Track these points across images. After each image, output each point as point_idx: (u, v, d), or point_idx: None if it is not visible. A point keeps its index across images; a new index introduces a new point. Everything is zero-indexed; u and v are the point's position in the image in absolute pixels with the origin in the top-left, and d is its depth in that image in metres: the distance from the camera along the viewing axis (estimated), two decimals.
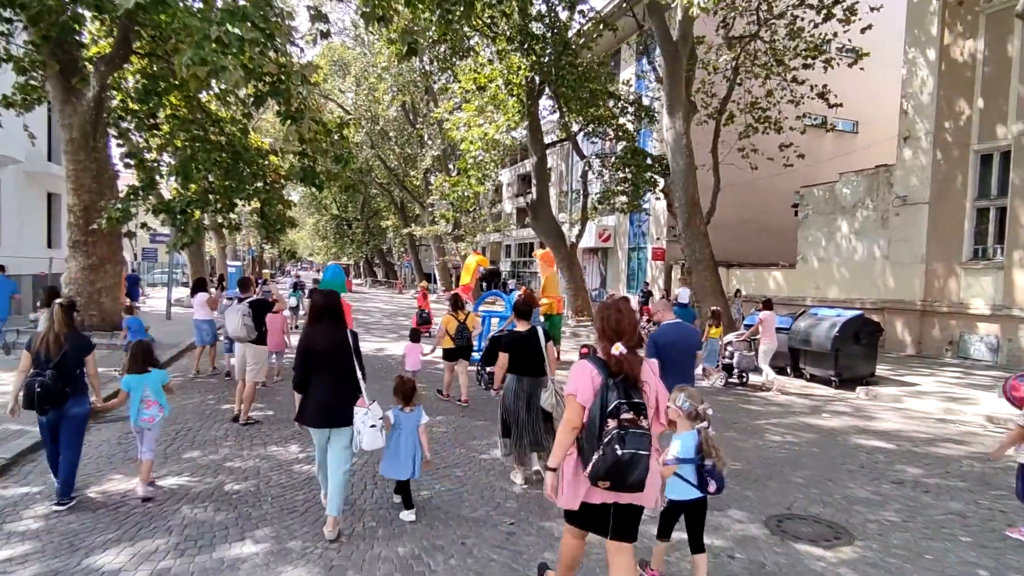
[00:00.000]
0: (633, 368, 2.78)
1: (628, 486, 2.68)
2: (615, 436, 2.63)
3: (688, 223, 15.02)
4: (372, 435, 3.95)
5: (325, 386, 4.02)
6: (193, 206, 10.02)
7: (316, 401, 4.02)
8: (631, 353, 2.79)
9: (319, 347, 4.03)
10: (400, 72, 31.27)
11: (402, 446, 4.29)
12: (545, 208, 21.63)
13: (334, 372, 4.04)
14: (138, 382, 4.71)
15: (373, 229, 50.40)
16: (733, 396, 9.65)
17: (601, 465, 2.64)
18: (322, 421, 4.03)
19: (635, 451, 2.62)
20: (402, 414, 4.37)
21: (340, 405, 4.00)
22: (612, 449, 2.62)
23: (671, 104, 14.97)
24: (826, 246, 17.59)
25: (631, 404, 2.71)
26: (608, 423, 2.67)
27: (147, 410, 4.68)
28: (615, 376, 2.75)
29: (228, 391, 8.61)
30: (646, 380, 2.84)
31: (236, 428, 6.61)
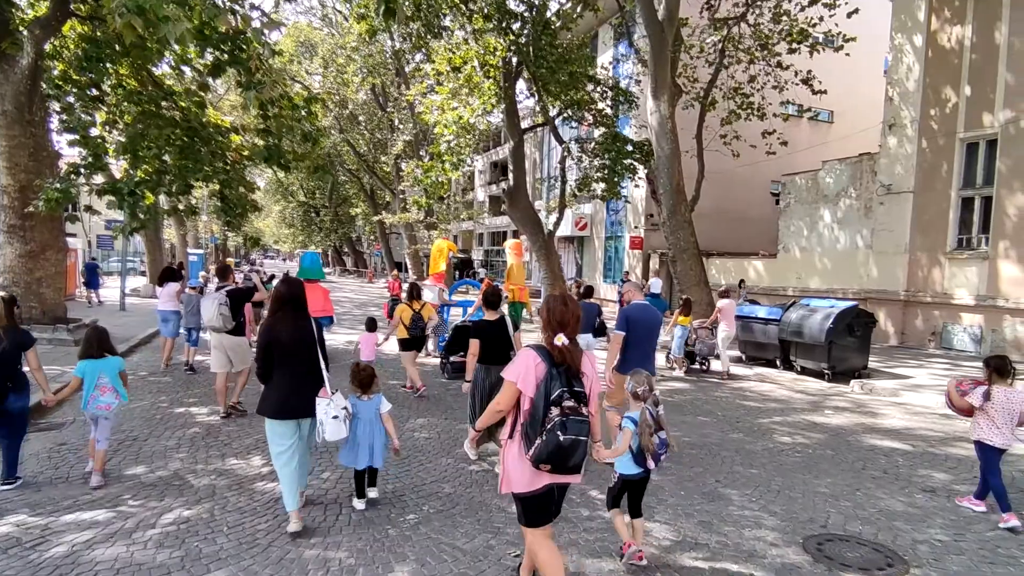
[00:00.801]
0: (575, 359, 2.90)
1: (568, 469, 2.83)
2: (557, 423, 2.75)
3: (673, 211, 14.55)
4: (335, 426, 3.86)
5: (290, 377, 3.91)
6: (144, 187, 9.09)
7: (281, 392, 3.89)
8: (572, 344, 2.91)
9: (283, 338, 3.90)
10: (370, 53, 30.11)
11: (360, 434, 4.19)
12: (522, 195, 20.95)
13: (297, 363, 3.93)
14: (93, 368, 4.65)
15: (342, 217, 49.03)
16: (731, 391, 9.20)
17: (543, 450, 2.77)
18: (287, 413, 3.90)
19: (575, 437, 2.76)
20: (359, 402, 4.27)
21: (304, 396, 3.92)
22: (555, 435, 2.74)
23: (656, 87, 14.42)
24: (808, 235, 17.35)
25: (572, 393, 2.83)
26: (551, 410, 2.79)
27: (102, 397, 4.63)
28: (558, 366, 2.86)
29: (183, 391, 7.79)
30: (586, 371, 2.97)
31: (190, 437, 5.84)
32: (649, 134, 15.02)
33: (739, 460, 5.62)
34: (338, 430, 3.89)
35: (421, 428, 6.43)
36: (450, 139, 20.35)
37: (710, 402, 8.30)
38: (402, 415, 6.93)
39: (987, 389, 4.43)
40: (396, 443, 4.33)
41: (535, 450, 2.79)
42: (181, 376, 8.81)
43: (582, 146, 19.70)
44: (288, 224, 55.67)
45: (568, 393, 2.82)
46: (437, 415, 6.97)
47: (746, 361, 12.26)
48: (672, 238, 14.72)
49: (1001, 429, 4.38)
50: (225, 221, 9.91)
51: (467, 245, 46.92)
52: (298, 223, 53.29)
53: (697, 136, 16.53)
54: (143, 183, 9.10)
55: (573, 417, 2.78)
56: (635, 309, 5.39)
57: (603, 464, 3.81)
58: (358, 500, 4.29)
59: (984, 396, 4.41)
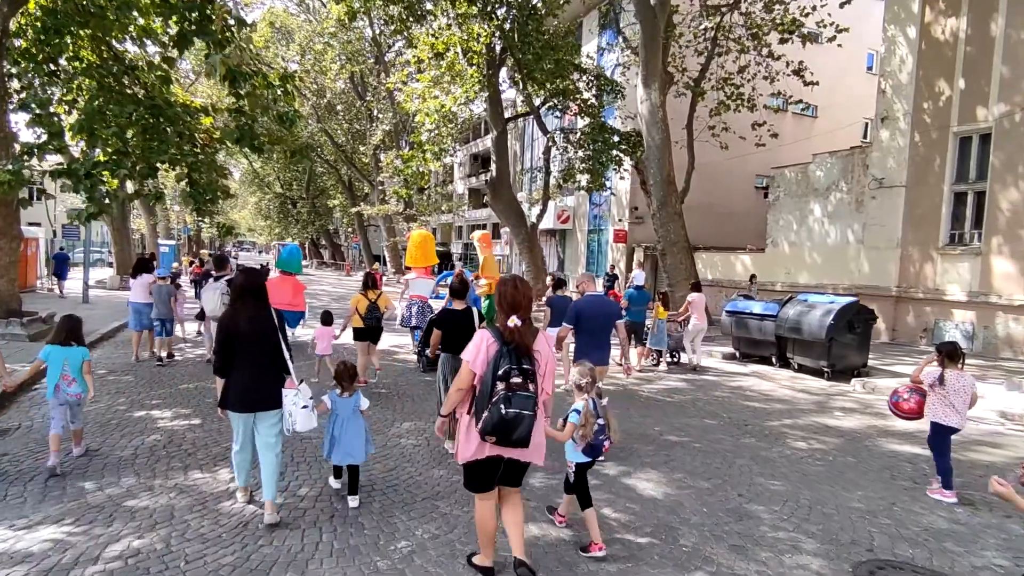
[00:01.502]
0: (524, 338, 3.05)
1: (512, 442, 2.96)
2: (502, 397, 2.91)
3: (663, 202, 14.14)
4: (304, 416, 3.83)
5: (249, 369, 3.83)
6: (102, 169, 8.34)
7: (240, 385, 3.81)
8: (525, 325, 3.05)
9: (242, 329, 3.81)
10: (349, 40, 29.19)
11: (345, 431, 4.16)
12: (505, 187, 20.41)
13: (258, 354, 3.85)
14: (58, 354, 4.66)
15: (319, 208, 47.95)
16: (731, 391, 8.79)
17: (488, 422, 2.92)
18: (246, 406, 3.84)
19: (519, 411, 2.90)
20: (339, 399, 4.24)
21: (266, 388, 3.85)
22: (499, 408, 2.90)
23: (647, 74, 13.97)
24: (797, 230, 17.09)
25: (521, 370, 2.97)
26: (498, 385, 2.94)
27: (70, 387, 4.68)
28: (508, 344, 3.01)
29: (145, 391, 7.11)
30: (539, 350, 3.11)
31: (149, 446, 5.19)
32: (638, 124, 14.57)
33: (758, 470, 5.17)
34: (308, 420, 3.84)
35: (408, 434, 5.87)
36: (431, 128, 19.71)
37: (712, 403, 7.87)
38: (386, 419, 6.37)
39: (940, 373, 4.70)
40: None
41: (482, 423, 2.95)
42: (144, 374, 8.12)
43: (567, 136, 19.20)
44: (264, 216, 54.32)
45: (516, 370, 2.96)
46: (424, 419, 6.42)
47: (740, 358, 11.91)
48: (662, 231, 14.32)
49: (956, 410, 4.66)
50: (194, 208, 9.18)
51: (446, 238, 46.21)
52: (274, 215, 51.99)
53: (687, 126, 16.15)
54: (101, 165, 8.35)
55: (519, 392, 2.93)
56: (585, 302, 5.50)
57: None
58: (334, 480, 4.41)
59: (938, 379, 4.68)
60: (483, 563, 3.29)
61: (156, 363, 8.69)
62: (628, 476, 4.89)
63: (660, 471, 5.04)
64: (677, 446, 5.80)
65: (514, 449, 3.05)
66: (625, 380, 9.17)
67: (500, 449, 3.05)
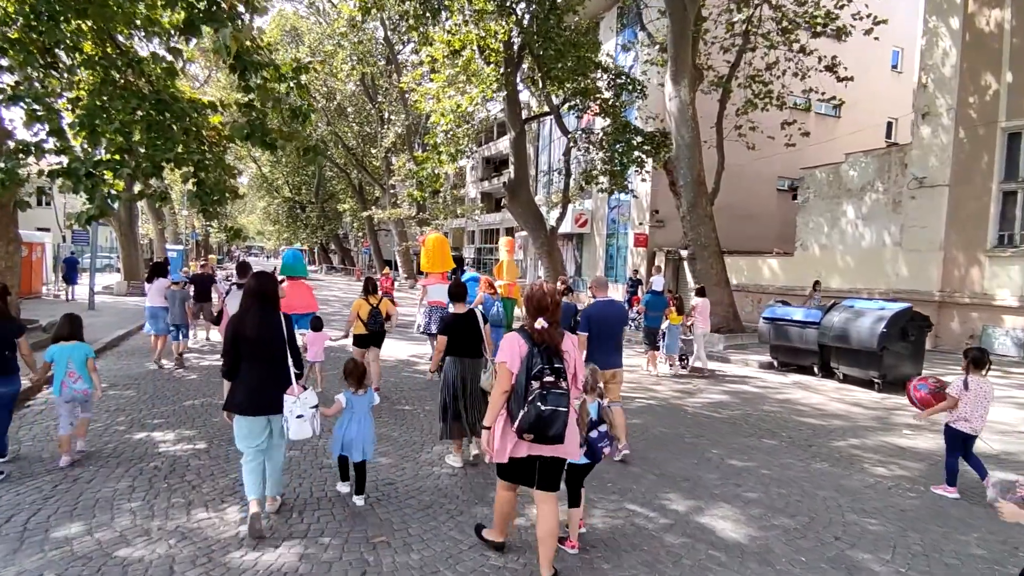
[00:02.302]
0: (553, 338, 3.17)
1: (549, 439, 3.04)
2: (538, 395, 3.02)
3: (693, 204, 13.45)
4: (298, 425, 3.76)
5: (257, 373, 3.79)
6: (103, 168, 7.77)
7: (248, 388, 3.77)
8: (552, 327, 3.18)
9: (250, 333, 3.78)
10: (360, 40, 28.73)
11: (354, 428, 4.17)
12: (523, 189, 19.77)
13: (267, 358, 3.81)
14: (61, 353, 4.85)
15: (329, 213, 47.50)
16: (779, 404, 8.08)
17: (525, 420, 3.02)
18: (254, 408, 3.77)
19: (555, 408, 3.01)
20: (354, 397, 4.28)
21: (276, 392, 3.79)
22: (535, 406, 3.00)
23: (676, 70, 13.31)
24: (829, 232, 16.35)
25: (552, 369, 3.09)
26: (532, 384, 3.05)
27: (75, 384, 4.82)
28: (539, 345, 3.14)
29: (147, 408, 6.51)
30: (567, 350, 3.22)
31: (148, 475, 4.57)
32: (660, 124, 13.89)
33: (846, 504, 4.49)
34: (302, 430, 3.77)
35: (440, 460, 5.21)
36: (447, 128, 19.13)
37: (765, 419, 7.18)
38: (413, 440, 5.74)
39: (965, 379, 4.72)
40: None
41: (519, 421, 3.03)
42: (147, 387, 7.53)
43: (588, 137, 18.54)
44: (273, 220, 53.98)
45: (548, 369, 3.06)
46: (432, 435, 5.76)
47: (778, 368, 11.21)
48: (692, 234, 13.62)
49: (977, 415, 4.68)
50: (201, 209, 8.61)
51: (458, 243, 45.64)
52: (283, 219, 51.62)
53: (717, 124, 15.44)
54: (103, 164, 7.78)
55: (553, 390, 3.02)
56: (595, 308, 5.51)
57: None
58: (357, 496, 4.25)
59: (963, 385, 4.69)
60: (494, 538, 3.43)
61: (174, 366, 8.92)
62: (700, 513, 4.22)
63: (734, 506, 4.37)
64: (744, 472, 5.12)
65: (554, 445, 3.11)
66: (667, 394, 8.51)
67: (537, 448, 3.12)
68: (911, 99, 21.87)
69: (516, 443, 3.13)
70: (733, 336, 13.30)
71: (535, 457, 3.19)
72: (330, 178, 45.26)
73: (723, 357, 12.21)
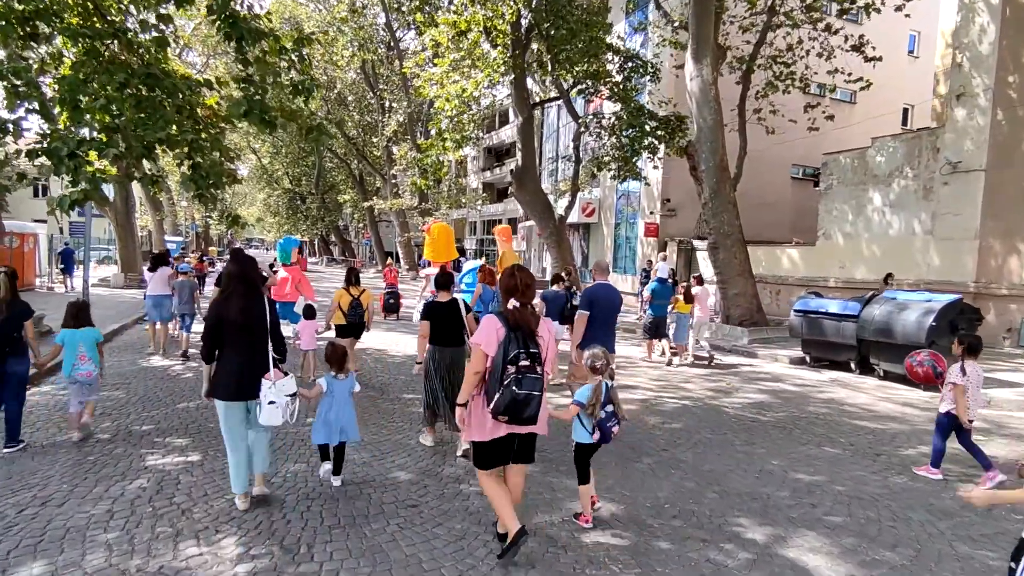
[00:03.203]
0: (527, 320, 3.25)
1: (523, 420, 3.18)
2: (513, 379, 3.11)
3: (716, 190, 12.75)
4: (269, 412, 3.70)
5: (240, 357, 3.78)
6: (87, 148, 7.08)
7: (230, 373, 3.76)
8: (523, 307, 3.25)
9: (233, 316, 3.76)
10: (360, 27, 27.91)
11: (334, 412, 4.18)
12: (531, 177, 19.09)
13: (248, 343, 3.80)
14: (72, 337, 5.13)
15: (329, 204, 46.73)
16: (826, 405, 7.42)
17: (501, 403, 3.12)
18: (236, 394, 3.78)
19: (529, 392, 3.12)
20: (335, 381, 4.28)
21: (255, 377, 3.75)
22: (511, 390, 3.10)
23: (697, 48, 12.57)
24: (853, 220, 15.64)
25: (528, 353, 3.17)
26: (508, 369, 3.13)
27: (83, 365, 5.09)
28: (515, 329, 3.20)
29: (135, 413, 5.85)
30: (541, 335, 3.31)
31: (131, 496, 3.92)
32: (686, 104, 13.16)
33: (949, 531, 3.84)
34: (272, 416, 3.70)
35: (468, 475, 4.57)
36: (452, 114, 18.39)
37: (815, 422, 6.54)
38: (434, 450, 5.09)
39: (962, 365, 4.81)
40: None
41: (494, 403, 3.14)
42: (138, 388, 6.89)
43: (600, 122, 17.81)
44: (273, 212, 53.23)
45: (524, 354, 3.15)
46: None
47: (811, 363, 10.56)
48: (714, 221, 12.93)
49: (973, 399, 4.84)
50: (196, 194, 7.93)
51: (459, 234, 44.90)
52: (283, 211, 50.85)
53: (739, 106, 14.75)
54: (87, 143, 7.09)
55: (528, 375, 3.13)
56: (598, 289, 5.56)
57: None
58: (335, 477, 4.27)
59: (961, 371, 4.78)
60: (512, 528, 3.29)
61: (180, 356, 8.91)
62: (784, 544, 3.56)
63: (820, 534, 3.72)
64: (816, 489, 4.48)
65: (528, 426, 3.25)
66: (700, 392, 7.86)
67: (512, 427, 3.23)
68: (929, 84, 21.19)
69: (494, 424, 3.22)
70: (757, 329, 12.64)
71: (513, 435, 3.30)
72: (330, 169, 44.49)
73: (749, 351, 11.56)
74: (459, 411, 3.32)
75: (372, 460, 4.82)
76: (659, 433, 5.85)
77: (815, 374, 9.80)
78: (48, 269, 21.94)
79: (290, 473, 4.49)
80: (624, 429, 5.12)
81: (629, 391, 7.77)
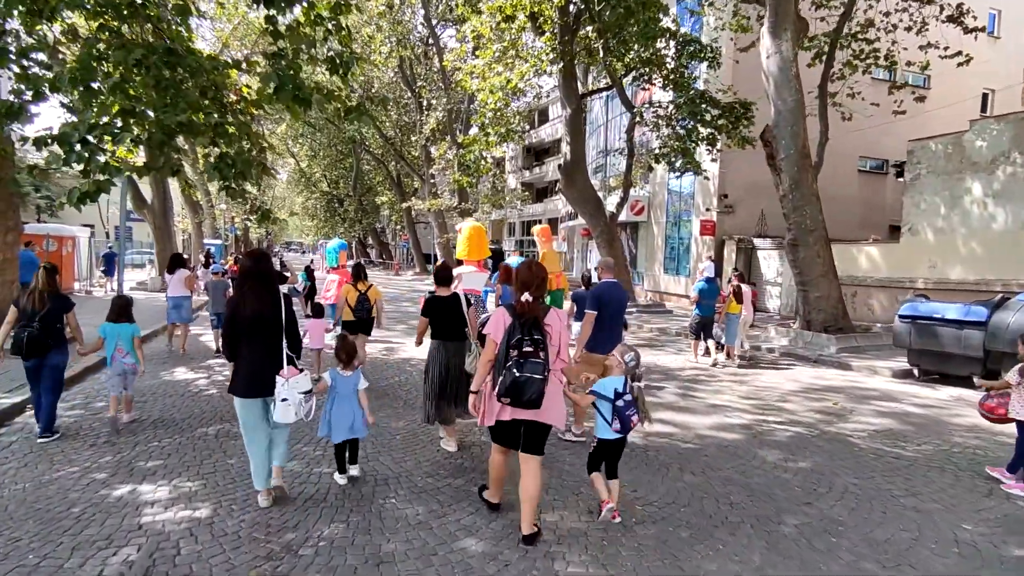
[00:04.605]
0: (535, 311, 3.40)
1: (524, 403, 3.28)
2: (515, 363, 3.28)
3: (797, 181, 11.31)
4: (283, 409, 3.70)
5: (256, 354, 3.79)
6: (100, 133, 6.22)
7: (247, 369, 3.78)
8: (535, 301, 3.40)
9: (247, 313, 3.77)
10: (399, 21, 27.12)
11: (338, 408, 4.20)
12: (580, 172, 17.88)
13: (264, 339, 3.80)
14: (112, 330, 5.53)
15: (366, 206, 46.36)
16: (971, 432, 6.02)
17: (502, 385, 3.29)
18: (253, 390, 3.78)
19: (529, 375, 3.24)
20: (340, 376, 4.27)
21: (271, 374, 3.75)
22: (511, 373, 3.27)
23: (776, 21, 11.17)
24: (947, 214, 13.95)
25: (532, 340, 3.31)
26: (511, 353, 3.31)
27: (124, 357, 5.50)
28: (521, 318, 3.38)
29: (143, 442, 4.88)
30: (550, 323, 3.43)
31: (118, 565, 2.90)
32: (764, 85, 11.75)
33: None
34: (286, 414, 3.70)
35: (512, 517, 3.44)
36: (496, 107, 17.33)
37: (978, 459, 5.18)
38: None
39: (1022, 366, 4.54)
40: (370, 418, 4.34)
41: (498, 387, 3.32)
42: (154, 407, 5.98)
43: (657, 111, 16.49)
44: (311, 216, 53.26)
45: (528, 340, 3.30)
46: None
47: (920, 377, 9.10)
48: (795, 216, 11.48)
49: None
50: (223, 186, 7.02)
51: (498, 235, 43.98)
52: (321, 214, 50.78)
53: (820, 86, 13.25)
54: (100, 128, 6.24)
55: (531, 360, 3.27)
56: (605, 288, 5.48)
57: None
58: (339, 476, 4.30)
59: (1020, 373, 4.52)
60: (491, 498, 3.80)
61: (216, 352, 9.07)
62: None
63: None
64: None
65: (529, 411, 3.34)
66: (810, 417, 6.54)
67: (517, 412, 3.36)
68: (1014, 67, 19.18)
69: (500, 408, 3.37)
70: (845, 337, 11.16)
71: (519, 421, 3.41)
72: (367, 171, 44.09)
73: (840, 362, 10.13)
74: (472, 398, 3.55)
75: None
76: (788, 477, 4.60)
77: (931, 391, 8.35)
78: (87, 273, 21.75)
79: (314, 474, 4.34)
80: (735, 469, 4.59)
81: (722, 413, 6.53)
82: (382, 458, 4.81)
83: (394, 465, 4.67)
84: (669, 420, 6.19)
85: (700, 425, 6.04)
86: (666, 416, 6.34)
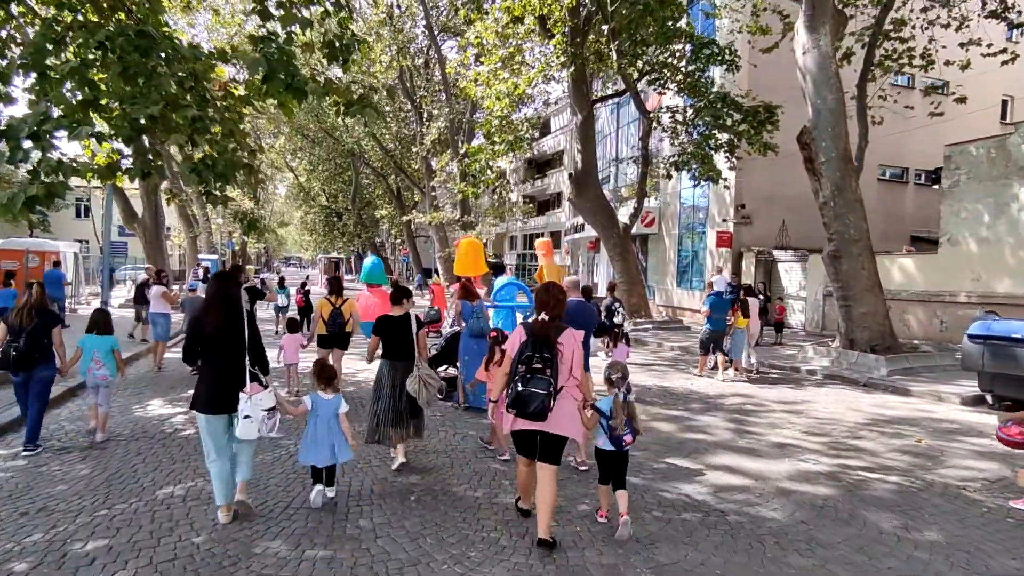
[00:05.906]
0: (547, 331, 3.59)
1: (528, 415, 3.48)
2: (521, 377, 3.50)
3: (839, 187, 10.35)
4: (244, 426, 3.71)
5: (219, 371, 3.85)
6: (52, 127, 5.23)
7: (211, 387, 3.84)
8: (551, 321, 3.63)
9: (208, 330, 3.85)
10: (400, 29, 26.33)
11: (319, 432, 4.16)
12: (592, 181, 16.97)
13: (225, 357, 3.84)
14: (90, 343, 5.62)
15: (365, 220, 45.42)
16: None
17: (509, 398, 3.54)
18: (214, 407, 3.82)
19: (533, 390, 3.44)
20: (320, 399, 4.25)
21: (234, 391, 3.79)
22: (517, 386, 3.49)
23: (813, 14, 10.27)
24: (992, 222, 12.98)
25: (541, 357, 3.50)
26: (520, 368, 3.52)
27: (99, 370, 5.57)
28: (535, 336, 3.58)
29: (90, 507, 3.81)
30: (563, 343, 3.60)
31: None
32: (800, 82, 10.80)
33: None
34: (248, 430, 3.72)
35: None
36: (502, 114, 16.43)
37: None
38: None
39: None
40: (352, 442, 4.30)
41: (507, 399, 3.56)
42: (113, 460, 4.91)
43: (673, 116, 15.59)
44: (310, 230, 52.30)
45: (537, 357, 3.49)
46: None
47: (993, 404, 8.06)
48: (836, 224, 10.51)
49: None
50: (203, 191, 6.04)
51: (498, 249, 43.06)
52: (320, 229, 49.82)
53: (859, 85, 12.33)
54: (53, 121, 5.26)
55: (537, 376, 3.46)
56: (572, 306, 5.18)
57: None
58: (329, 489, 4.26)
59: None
60: (523, 506, 3.99)
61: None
62: None
63: None
64: None
65: (538, 422, 3.50)
66: (896, 459, 5.48)
67: (525, 423, 3.55)
68: None
69: (513, 419, 3.60)
70: (895, 357, 10.14)
71: (535, 432, 3.59)
72: (366, 185, 43.25)
73: (896, 387, 9.09)
74: (491, 407, 4.07)
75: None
76: (925, 557, 3.54)
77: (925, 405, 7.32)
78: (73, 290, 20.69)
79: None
80: (850, 545, 3.64)
81: (793, 455, 5.49)
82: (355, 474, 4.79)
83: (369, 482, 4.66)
84: (736, 467, 5.13)
85: (774, 474, 4.99)
86: (729, 461, 5.30)
